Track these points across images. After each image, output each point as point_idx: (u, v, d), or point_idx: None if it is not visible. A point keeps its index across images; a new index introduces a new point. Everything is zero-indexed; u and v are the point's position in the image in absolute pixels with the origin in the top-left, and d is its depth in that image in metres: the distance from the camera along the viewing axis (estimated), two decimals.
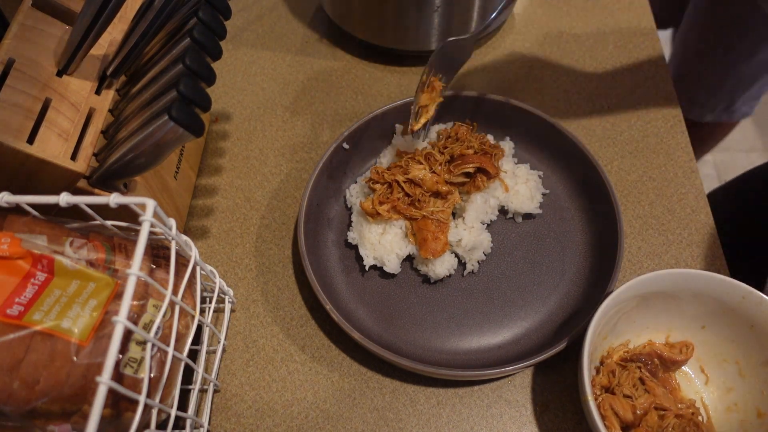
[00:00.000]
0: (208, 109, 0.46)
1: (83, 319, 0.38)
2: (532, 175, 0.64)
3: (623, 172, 0.67)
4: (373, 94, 0.75)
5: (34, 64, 0.47)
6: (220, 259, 0.63)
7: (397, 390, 0.55)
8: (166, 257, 0.46)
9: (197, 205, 0.66)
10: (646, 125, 0.71)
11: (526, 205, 0.62)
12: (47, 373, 0.36)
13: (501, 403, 0.54)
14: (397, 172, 0.60)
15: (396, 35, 0.73)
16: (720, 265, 0.60)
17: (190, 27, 0.48)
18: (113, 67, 0.51)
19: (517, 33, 0.80)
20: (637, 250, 0.62)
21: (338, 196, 0.65)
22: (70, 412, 0.38)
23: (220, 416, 0.54)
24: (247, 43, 0.81)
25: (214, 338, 0.57)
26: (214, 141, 0.71)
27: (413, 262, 0.60)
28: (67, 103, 0.48)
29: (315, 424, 0.53)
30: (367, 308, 0.58)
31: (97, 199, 0.38)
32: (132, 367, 0.39)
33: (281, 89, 0.76)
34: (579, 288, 0.58)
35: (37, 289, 0.37)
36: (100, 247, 0.42)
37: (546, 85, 0.75)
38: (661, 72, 0.75)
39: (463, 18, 0.72)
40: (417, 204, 0.58)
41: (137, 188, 0.53)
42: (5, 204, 0.38)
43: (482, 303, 0.58)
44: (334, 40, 0.81)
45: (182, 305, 0.43)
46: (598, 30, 0.80)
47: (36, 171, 0.45)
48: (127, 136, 0.46)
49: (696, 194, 0.65)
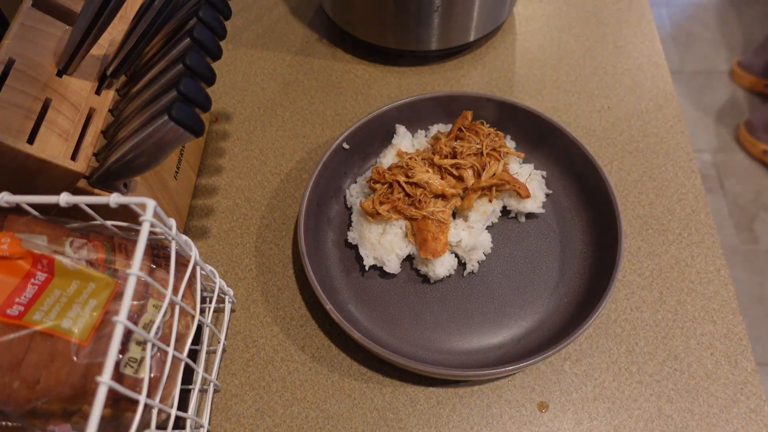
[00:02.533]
0: (208, 109, 0.46)
1: (83, 319, 0.38)
2: (536, 175, 0.64)
3: (623, 172, 0.67)
4: (373, 94, 0.75)
5: (34, 64, 0.47)
6: (220, 259, 0.63)
7: (397, 390, 0.55)
8: (166, 257, 0.46)
9: (197, 205, 0.66)
10: (646, 125, 0.71)
11: (529, 205, 0.62)
12: (47, 373, 0.36)
13: (501, 403, 0.54)
14: (398, 172, 0.60)
15: (396, 35, 0.73)
16: (720, 265, 0.60)
17: (190, 27, 0.48)
18: (113, 67, 0.51)
19: (517, 33, 0.80)
20: (637, 250, 0.62)
21: (338, 196, 0.65)
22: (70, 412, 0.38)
23: (220, 416, 0.54)
24: (247, 43, 0.81)
25: (214, 338, 0.57)
26: (214, 141, 0.71)
27: (413, 262, 0.60)
28: (67, 103, 0.48)
29: (315, 424, 0.53)
30: (367, 308, 0.58)
31: (97, 199, 0.38)
32: (132, 367, 0.39)
33: (281, 89, 0.76)
34: (579, 288, 0.58)
35: (37, 289, 0.37)
36: (100, 247, 0.42)
37: (546, 85, 0.75)
38: (661, 72, 0.75)
39: (463, 18, 0.72)
40: (417, 204, 0.58)
41: (137, 188, 0.53)
42: (5, 204, 0.38)
43: (482, 303, 0.58)
44: (334, 40, 0.81)
45: (182, 305, 0.43)
46: (598, 30, 0.80)
47: (36, 171, 0.45)
48: (127, 136, 0.46)
49: (696, 194, 0.65)
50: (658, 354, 0.56)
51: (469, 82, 0.76)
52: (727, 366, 0.55)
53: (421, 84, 0.76)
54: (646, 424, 0.52)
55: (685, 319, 0.57)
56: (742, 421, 0.52)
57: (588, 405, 0.53)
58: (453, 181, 0.60)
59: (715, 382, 0.54)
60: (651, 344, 0.56)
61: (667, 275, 0.60)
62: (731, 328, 0.57)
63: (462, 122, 0.63)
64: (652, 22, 0.80)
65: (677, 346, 0.56)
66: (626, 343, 0.56)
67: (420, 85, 0.76)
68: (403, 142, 0.65)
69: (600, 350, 0.56)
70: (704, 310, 0.58)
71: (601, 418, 0.53)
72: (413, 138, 0.66)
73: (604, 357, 0.56)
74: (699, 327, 0.57)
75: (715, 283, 0.59)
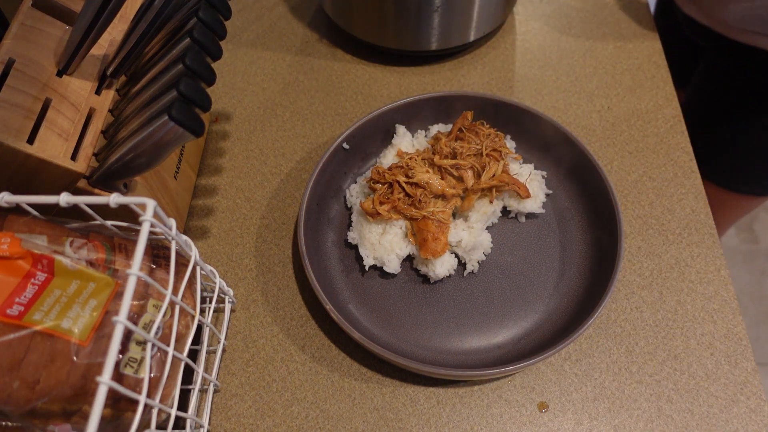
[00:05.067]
0: (208, 109, 0.46)
1: (83, 319, 0.38)
2: (536, 175, 0.64)
3: (623, 172, 0.67)
4: (373, 94, 0.75)
5: (34, 64, 0.47)
6: (220, 259, 0.63)
7: (397, 390, 0.55)
8: (166, 257, 0.46)
9: (197, 205, 0.66)
10: (646, 125, 0.71)
11: (529, 205, 0.62)
12: (47, 373, 0.36)
13: (501, 403, 0.54)
14: (398, 172, 0.60)
15: (396, 35, 0.73)
16: (720, 265, 0.60)
17: (190, 27, 0.48)
18: (113, 67, 0.51)
19: (517, 33, 0.80)
20: (637, 250, 0.62)
21: (338, 196, 0.65)
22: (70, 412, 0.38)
23: (220, 416, 0.54)
24: (247, 43, 0.81)
25: (214, 338, 0.57)
26: (214, 141, 0.71)
27: (413, 262, 0.60)
28: (67, 103, 0.48)
29: (315, 424, 0.53)
30: (367, 308, 0.58)
31: (97, 199, 0.38)
32: (132, 367, 0.39)
33: (281, 89, 0.76)
34: (579, 288, 0.58)
35: (37, 289, 0.37)
36: (100, 247, 0.42)
37: (546, 85, 0.75)
38: (661, 72, 0.75)
39: (463, 18, 0.72)
40: (417, 204, 0.58)
41: (137, 188, 0.53)
42: (5, 204, 0.38)
43: (482, 303, 0.58)
44: (334, 40, 0.81)
45: (182, 305, 0.43)
46: (598, 30, 0.80)
47: (36, 171, 0.45)
48: (127, 136, 0.46)
49: (696, 194, 0.65)
50: (658, 354, 0.56)
51: (469, 82, 0.76)
52: (727, 366, 0.55)
53: (421, 84, 0.76)
54: (646, 424, 0.52)
55: (685, 319, 0.57)
56: (742, 421, 0.52)
57: (588, 405, 0.53)
58: (453, 182, 0.60)
59: (715, 382, 0.54)
60: (651, 344, 0.56)
61: (667, 275, 0.60)
62: (731, 328, 0.57)
63: (462, 122, 0.63)
64: (652, 22, 0.80)
65: (677, 346, 0.56)
66: (626, 343, 0.56)
67: (420, 85, 0.76)
68: (403, 142, 0.65)
69: (600, 350, 0.56)
70: (704, 310, 0.58)
71: (601, 418, 0.53)
72: (413, 138, 0.66)
73: (604, 357, 0.56)
74: (699, 327, 0.57)
75: (715, 283, 0.59)
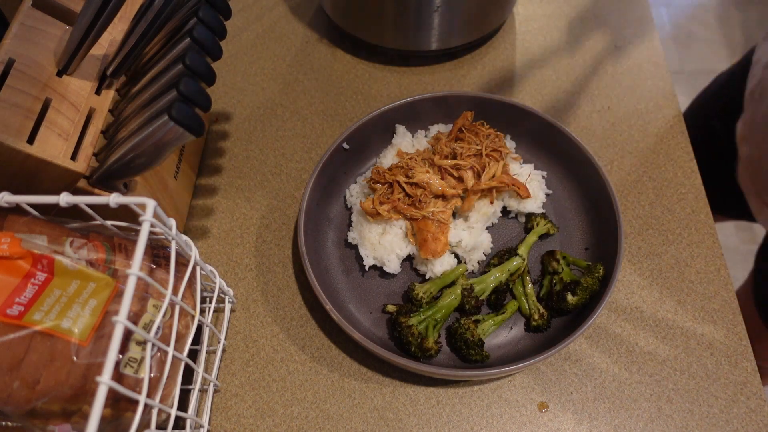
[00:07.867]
0: (208, 109, 0.46)
1: (83, 319, 0.38)
2: (536, 175, 0.64)
3: (623, 172, 0.67)
4: (373, 94, 0.75)
5: (34, 64, 0.47)
6: (220, 259, 0.63)
7: (397, 390, 0.55)
8: (166, 257, 0.46)
9: (197, 205, 0.66)
10: (646, 125, 0.71)
11: (529, 205, 0.62)
12: (47, 373, 0.36)
13: (501, 403, 0.54)
14: (398, 172, 0.60)
15: (396, 35, 0.73)
16: (720, 265, 0.60)
17: (190, 27, 0.48)
18: (113, 67, 0.51)
19: (517, 33, 0.80)
20: (637, 250, 0.62)
21: (338, 196, 0.65)
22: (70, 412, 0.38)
23: (220, 416, 0.54)
24: (247, 43, 0.81)
25: (214, 338, 0.57)
26: (214, 141, 0.71)
27: (413, 262, 0.60)
28: (67, 103, 0.48)
29: (315, 424, 0.53)
30: (368, 308, 0.58)
31: (97, 199, 0.38)
32: (132, 367, 0.39)
33: (281, 89, 0.76)
34: None
35: (37, 289, 0.37)
36: (100, 247, 0.42)
37: (546, 85, 0.75)
38: (661, 72, 0.75)
39: (463, 18, 0.72)
40: (417, 204, 0.58)
41: (137, 188, 0.53)
42: (5, 204, 0.38)
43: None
44: (334, 40, 0.81)
45: (182, 305, 0.43)
46: (598, 30, 0.80)
47: (36, 171, 0.45)
48: (127, 136, 0.46)
49: (696, 194, 0.65)
50: (658, 354, 0.56)
51: (469, 82, 0.76)
52: (727, 366, 0.55)
53: (421, 84, 0.76)
54: (646, 424, 0.52)
55: (685, 319, 0.57)
56: (742, 421, 0.52)
57: (588, 405, 0.53)
58: (453, 182, 0.60)
59: (715, 382, 0.54)
60: (651, 344, 0.56)
61: (667, 275, 0.60)
62: (731, 328, 0.57)
63: (462, 123, 0.63)
64: (652, 22, 0.80)
65: (677, 346, 0.56)
66: (626, 343, 0.56)
67: (420, 85, 0.76)
68: (403, 142, 0.65)
69: (600, 350, 0.56)
70: (704, 310, 0.58)
71: (601, 418, 0.53)
72: (413, 138, 0.66)
73: (604, 357, 0.56)
74: (699, 327, 0.57)
75: (715, 283, 0.59)
